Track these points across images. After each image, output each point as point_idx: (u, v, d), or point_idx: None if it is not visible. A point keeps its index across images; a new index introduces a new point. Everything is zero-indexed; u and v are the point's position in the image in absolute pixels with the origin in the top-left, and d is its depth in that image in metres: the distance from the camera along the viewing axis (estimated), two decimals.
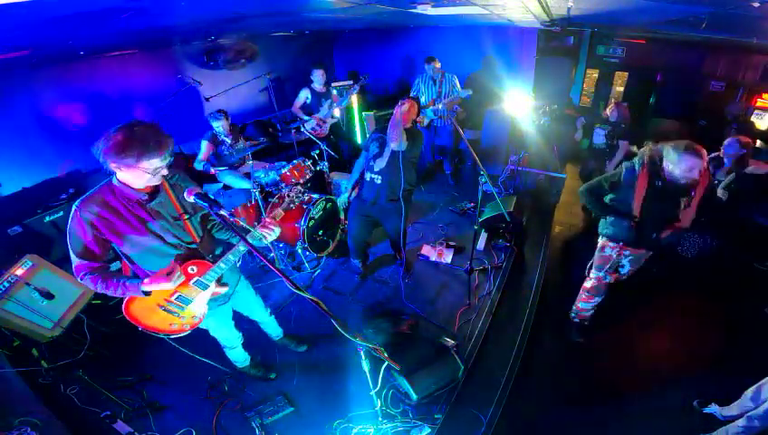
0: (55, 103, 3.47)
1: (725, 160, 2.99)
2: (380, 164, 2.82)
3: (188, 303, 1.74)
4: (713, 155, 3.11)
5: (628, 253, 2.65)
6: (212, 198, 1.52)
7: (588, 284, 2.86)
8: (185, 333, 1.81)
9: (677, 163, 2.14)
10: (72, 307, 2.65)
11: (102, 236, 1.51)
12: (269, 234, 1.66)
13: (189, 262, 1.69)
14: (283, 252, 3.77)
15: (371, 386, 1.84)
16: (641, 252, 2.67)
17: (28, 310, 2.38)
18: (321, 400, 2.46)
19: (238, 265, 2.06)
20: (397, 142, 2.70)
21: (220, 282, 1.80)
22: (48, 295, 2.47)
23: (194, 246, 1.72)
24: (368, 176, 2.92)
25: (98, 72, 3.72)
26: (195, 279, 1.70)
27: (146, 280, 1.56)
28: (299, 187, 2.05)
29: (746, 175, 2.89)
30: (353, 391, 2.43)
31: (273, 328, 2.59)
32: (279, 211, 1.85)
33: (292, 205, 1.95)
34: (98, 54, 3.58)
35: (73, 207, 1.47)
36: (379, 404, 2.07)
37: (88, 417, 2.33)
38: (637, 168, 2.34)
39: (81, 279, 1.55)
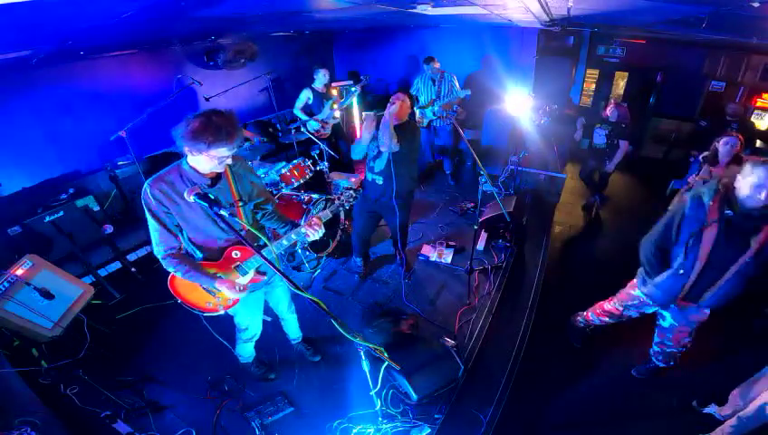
0: (55, 103, 3.47)
1: (721, 159, 2.93)
2: (380, 165, 2.81)
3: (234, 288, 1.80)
4: (705, 154, 3.08)
5: (672, 306, 2.21)
6: (212, 197, 1.54)
7: (607, 305, 2.58)
8: (217, 313, 1.89)
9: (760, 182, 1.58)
10: (72, 307, 2.65)
11: (168, 211, 1.62)
12: (313, 233, 1.75)
13: (234, 247, 1.79)
14: (283, 252, 3.77)
15: (371, 386, 1.84)
16: (690, 306, 2.13)
17: (28, 310, 2.37)
18: (321, 400, 2.47)
19: (284, 256, 2.13)
20: (386, 147, 2.65)
21: (259, 270, 1.90)
22: (48, 295, 2.46)
23: (242, 232, 1.78)
24: (369, 176, 2.92)
25: (98, 72, 3.72)
26: (236, 264, 1.81)
27: (218, 282, 1.71)
28: (352, 191, 2.03)
29: None
30: (353, 391, 2.43)
31: (293, 329, 2.60)
32: (327, 213, 1.91)
33: (342, 208, 1.98)
34: (98, 54, 3.58)
35: (145, 185, 1.58)
36: (379, 404, 2.07)
37: (88, 417, 2.33)
38: (706, 199, 1.78)
39: (163, 259, 1.69)
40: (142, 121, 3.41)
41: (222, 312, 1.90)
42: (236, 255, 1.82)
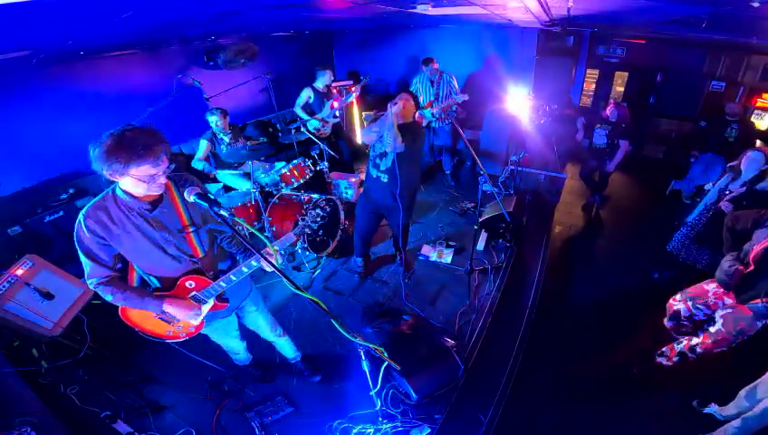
0: (55, 103, 3.46)
1: (744, 173, 2.79)
2: (386, 163, 2.80)
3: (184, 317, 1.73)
4: (732, 163, 2.94)
5: (728, 302, 2.25)
6: (212, 197, 1.51)
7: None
8: (180, 340, 1.82)
9: None
10: (72, 307, 2.64)
11: (105, 243, 1.50)
12: (267, 266, 1.56)
13: (188, 277, 1.67)
14: (283, 252, 3.77)
15: (371, 386, 1.84)
16: (745, 314, 2.16)
17: (28, 310, 2.37)
18: (321, 400, 2.47)
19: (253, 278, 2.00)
20: (392, 147, 2.66)
21: (221, 298, 1.78)
22: (48, 295, 2.46)
23: (195, 259, 1.67)
24: (374, 173, 2.91)
25: (98, 72, 3.72)
26: (192, 294, 1.69)
27: (165, 303, 1.59)
28: (318, 210, 1.85)
29: (758, 191, 2.70)
30: (353, 391, 2.43)
31: (287, 350, 2.47)
32: (291, 235, 1.78)
33: (306, 228, 1.83)
34: (98, 54, 3.58)
35: (79, 216, 1.46)
36: (379, 404, 2.07)
37: (88, 417, 2.33)
38: None
39: (96, 288, 1.55)
40: (142, 121, 3.41)
41: (185, 338, 1.81)
42: (190, 285, 1.68)
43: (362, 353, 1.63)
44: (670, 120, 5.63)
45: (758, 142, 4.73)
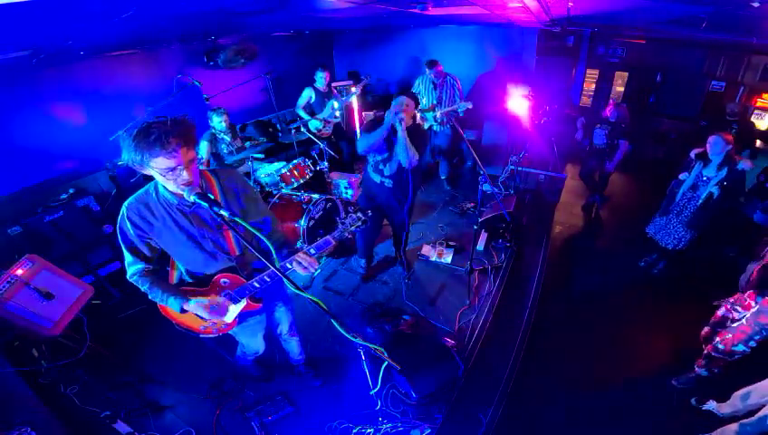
0: (55, 103, 3.46)
1: (712, 158, 2.98)
2: (391, 169, 2.77)
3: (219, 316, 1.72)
4: (698, 151, 3.13)
5: (759, 301, 2.24)
6: (212, 197, 1.48)
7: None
8: (213, 336, 1.82)
9: None
10: (72, 307, 2.64)
11: (145, 237, 1.52)
12: (302, 272, 1.57)
13: (223, 274, 1.66)
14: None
15: (371, 386, 1.84)
16: (766, 308, 2.18)
17: (28, 310, 2.37)
18: (321, 400, 2.47)
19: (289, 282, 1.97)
20: (407, 163, 2.60)
21: (254, 298, 1.76)
22: (48, 295, 2.46)
23: (231, 257, 1.65)
24: (377, 178, 2.85)
25: (98, 72, 3.72)
26: (225, 292, 1.68)
27: (186, 303, 1.59)
28: (360, 214, 1.67)
29: (737, 171, 2.90)
30: (353, 391, 2.43)
31: (294, 351, 2.44)
32: (329, 239, 1.67)
33: (346, 234, 1.68)
34: (98, 54, 3.58)
35: (122, 208, 1.48)
36: (379, 404, 2.07)
37: (88, 417, 2.33)
38: None
39: (131, 279, 1.59)
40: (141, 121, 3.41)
41: (218, 334, 1.81)
42: (225, 282, 1.67)
43: (362, 353, 1.63)
44: (670, 120, 5.63)
45: (758, 142, 4.73)
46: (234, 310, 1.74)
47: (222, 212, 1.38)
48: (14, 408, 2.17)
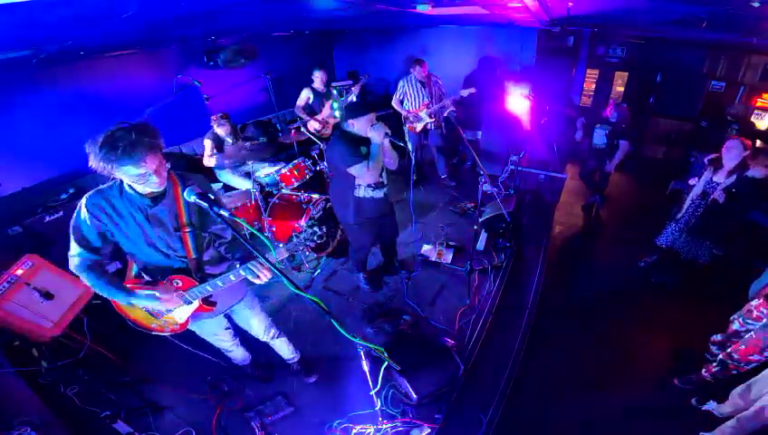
0: (55, 103, 3.46)
1: (726, 163, 2.83)
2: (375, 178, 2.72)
3: (168, 311, 1.75)
4: (711, 157, 3.01)
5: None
6: (212, 197, 1.50)
7: None
8: (164, 334, 1.84)
9: None
10: (72, 307, 2.64)
11: (103, 228, 1.53)
12: (255, 280, 1.60)
13: (176, 275, 1.68)
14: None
15: (371, 386, 1.84)
16: None
17: (28, 310, 2.37)
18: (321, 400, 2.47)
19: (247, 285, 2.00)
20: (394, 166, 2.64)
21: (207, 301, 1.78)
22: (48, 295, 2.46)
23: (185, 260, 1.68)
24: (367, 193, 2.69)
25: (98, 72, 3.72)
26: (177, 292, 1.69)
27: (133, 298, 1.61)
28: (315, 229, 1.70)
29: (747, 178, 2.73)
30: (353, 391, 2.43)
31: (283, 351, 2.46)
32: (282, 251, 1.70)
33: (300, 247, 1.71)
34: (98, 54, 3.58)
35: (83, 198, 1.51)
36: (379, 404, 2.07)
37: (88, 417, 2.33)
38: None
39: (76, 270, 1.57)
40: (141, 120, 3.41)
41: (169, 334, 1.82)
42: (177, 283, 1.68)
43: (362, 353, 1.63)
44: (670, 121, 5.63)
45: (758, 142, 4.73)
46: (185, 311, 1.76)
47: (222, 212, 1.40)
48: (14, 408, 2.16)
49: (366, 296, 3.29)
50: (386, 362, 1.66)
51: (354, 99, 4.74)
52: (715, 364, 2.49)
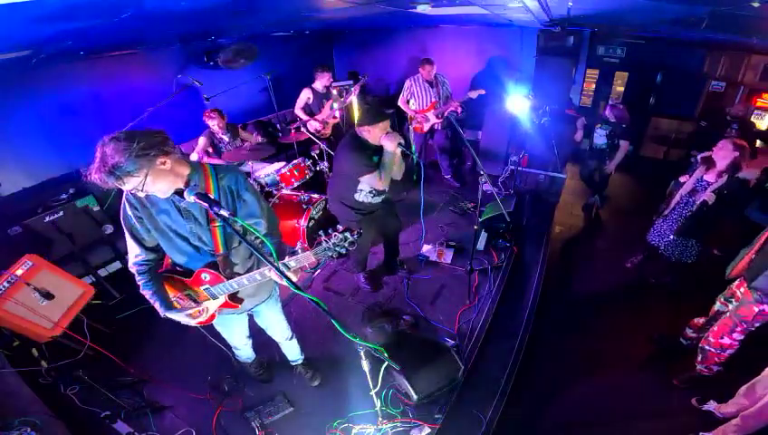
0: (55, 103, 3.46)
1: (717, 163, 2.80)
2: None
3: (196, 303, 1.77)
4: (704, 154, 2.97)
5: (743, 290, 2.28)
6: (212, 197, 1.47)
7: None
8: (192, 323, 1.80)
9: None
10: (72, 307, 2.64)
11: (142, 220, 1.54)
12: (279, 280, 1.54)
13: (205, 269, 1.68)
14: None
15: (371, 386, 1.84)
16: (747, 300, 2.22)
17: (28, 310, 2.37)
18: (321, 400, 2.47)
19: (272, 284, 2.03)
20: (399, 175, 2.66)
21: (234, 297, 1.78)
22: (48, 295, 2.46)
23: (214, 254, 1.67)
24: (367, 198, 2.71)
25: (98, 72, 3.72)
26: (205, 286, 1.71)
27: (169, 312, 1.66)
28: (347, 234, 1.47)
29: (737, 179, 2.72)
30: (353, 391, 2.43)
31: (291, 353, 2.50)
32: (309, 255, 1.52)
33: (329, 253, 1.51)
34: (98, 54, 3.58)
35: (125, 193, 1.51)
36: (379, 404, 2.07)
37: (88, 417, 2.33)
38: None
39: (133, 268, 1.64)
40: (142, 121, 3.41)
41: (196, 325, 1.82)
42: (205, 277, 1.68)
43: (362, 353, 1.62)
44: (670, 121, 5.63)
45: (758, 142, 4.73)
46: (213, 304, 1.77)
47: (222, 212, 1.37)
48: (14, 408, 2.16)
49: (366, 296, 3.29)
50: (386, 363, 1.65)
51: (354, 99, 4.74)
52: (698, 354, 2.52)
